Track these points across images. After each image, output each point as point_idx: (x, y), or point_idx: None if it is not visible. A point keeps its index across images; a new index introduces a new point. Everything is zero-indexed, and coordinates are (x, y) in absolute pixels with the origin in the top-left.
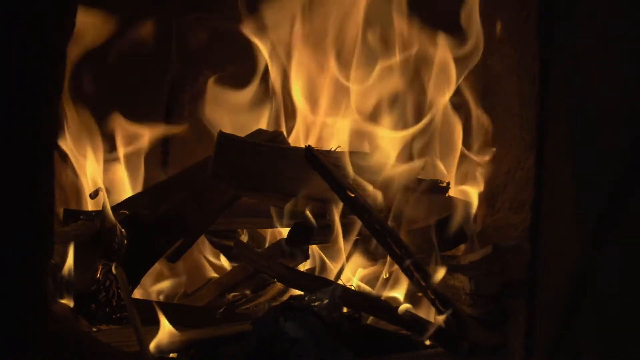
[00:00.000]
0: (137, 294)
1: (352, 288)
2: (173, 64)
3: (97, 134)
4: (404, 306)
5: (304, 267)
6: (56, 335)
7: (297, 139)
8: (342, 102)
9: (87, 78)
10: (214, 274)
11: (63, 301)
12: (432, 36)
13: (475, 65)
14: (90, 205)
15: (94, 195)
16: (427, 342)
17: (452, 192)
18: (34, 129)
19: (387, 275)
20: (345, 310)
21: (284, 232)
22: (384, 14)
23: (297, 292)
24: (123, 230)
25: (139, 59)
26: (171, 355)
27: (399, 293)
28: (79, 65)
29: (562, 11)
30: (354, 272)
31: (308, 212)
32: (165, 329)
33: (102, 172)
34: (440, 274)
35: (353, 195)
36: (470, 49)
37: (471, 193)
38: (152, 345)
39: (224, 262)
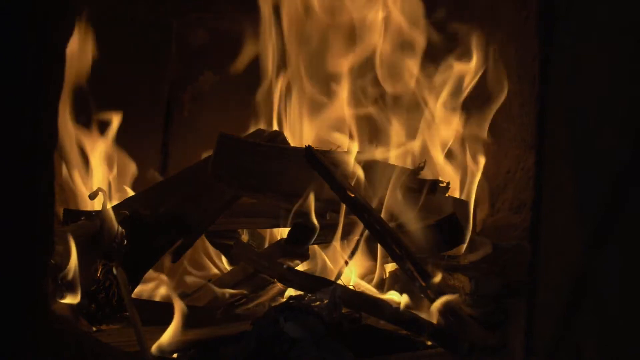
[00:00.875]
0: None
1: (352, 288)
2: (173, 64)
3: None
4: (404, 306)
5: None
6: (56, 335)
7: None
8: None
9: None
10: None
11: (64, 301)
12: None
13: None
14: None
15: (94, 195)
16: (428, 342)
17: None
18: (33, 129)
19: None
20: (345, 310)
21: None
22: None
23: (297, 292)
24: (123, 230)
25: (139, 59)
26: (172, 355)
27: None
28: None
29: (562, 11)
30: (353, 272)
31: (309, 212)
32: (172, 329)
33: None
34: (437, 276)
35: (353, 195)
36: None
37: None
38: (153, 346)
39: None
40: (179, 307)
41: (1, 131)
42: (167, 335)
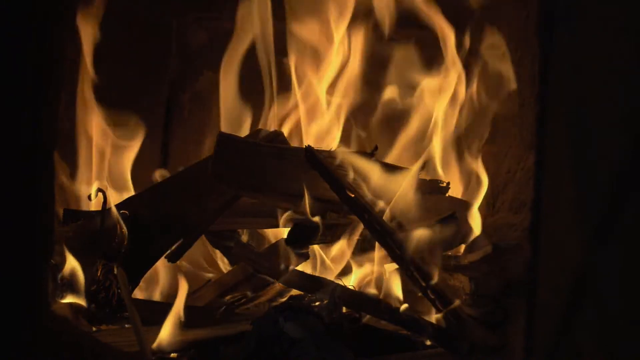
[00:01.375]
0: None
1: (352, 288)
2: (173, 64)
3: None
4: (404, 306)
5: (303, 267)
6: (55, 335)
7: None
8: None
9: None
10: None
11: (65, 301)
12: None
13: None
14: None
15: (94, 195)
16: (427, 342)
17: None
18: (33, 129)
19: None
20: (345, 310)
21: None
22: None
23: (297, 292)
24: (123, 230)
25: (139, 59)
26: (171, 355)
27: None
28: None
29: (562, 11)
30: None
31: (309, 213)
32: (168, 329)
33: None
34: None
35: (353, 195)
36: None
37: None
38: (152, 345)
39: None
40: (182, 288)
41: (1, 131)
42: (169, 324)
